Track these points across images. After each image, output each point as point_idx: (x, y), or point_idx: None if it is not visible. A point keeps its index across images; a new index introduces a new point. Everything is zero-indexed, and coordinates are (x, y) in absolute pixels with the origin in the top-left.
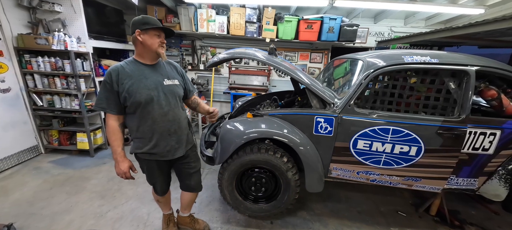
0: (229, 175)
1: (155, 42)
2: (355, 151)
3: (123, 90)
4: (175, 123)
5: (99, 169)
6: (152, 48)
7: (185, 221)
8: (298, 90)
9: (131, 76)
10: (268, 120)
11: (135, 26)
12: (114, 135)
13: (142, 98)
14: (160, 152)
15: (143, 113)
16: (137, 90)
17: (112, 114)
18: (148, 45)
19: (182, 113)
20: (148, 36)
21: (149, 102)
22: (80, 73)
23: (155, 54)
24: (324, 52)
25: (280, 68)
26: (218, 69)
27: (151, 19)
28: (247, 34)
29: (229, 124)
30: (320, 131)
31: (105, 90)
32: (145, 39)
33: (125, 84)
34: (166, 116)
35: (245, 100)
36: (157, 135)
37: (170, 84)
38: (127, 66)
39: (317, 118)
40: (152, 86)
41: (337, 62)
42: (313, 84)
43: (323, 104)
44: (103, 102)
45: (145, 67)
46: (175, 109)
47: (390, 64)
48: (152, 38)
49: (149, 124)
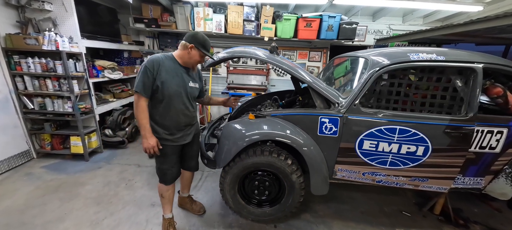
0: (232, 178)
1: (197, 60)
2: (361, 152)
3: (159, 79)
4: (189, 117)
5: (94, 174)
6: (193, 62)
7: (185, 200)
8: (299, 90)
9: (167, 70)
10: (270, 121)
11: (194, 41)
12: (143, 113)
13: (171, 91)
14: (174, 139)
15: (169, 104)
16: (170, 83)
17: (144, 97)
18: (193, 59)
19: (195, 108)
20: (197, 53)
21: (175, 97)
22: (72, 74)
23: (191, 65)
24: (323, 51)
25: (282, 67)
26: (215, 69)
27: (208, 45)
28: (245, 33)
29: (231, 126)
30: (324, 131)
31: (145, 75)
32: (193, 54)
33: (162, 75)
34: (185, 111)
35: (245, 100)
36: (175, 124)
37: (192, 86)
38: (167, 60)
39: (321, 119)
40: (181, 84)
41: (338, 61)
42: (316, 83)
43: (327, 104)
44: (141, 85)
45: (179, 67)
46: (192, 106)
47: (396, 62)
48: (198, 57)
49: (171, 114)
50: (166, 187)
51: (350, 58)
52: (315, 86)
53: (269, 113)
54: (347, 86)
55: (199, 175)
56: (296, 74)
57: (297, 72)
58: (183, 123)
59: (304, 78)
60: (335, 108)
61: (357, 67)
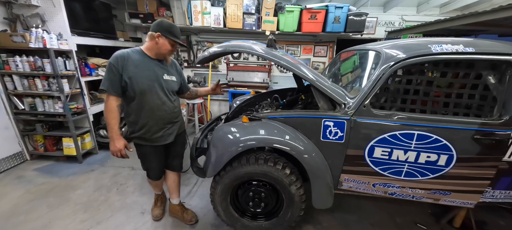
0: (223, 189)
1: (168, 49)
2: (371, 160)
3: (126, 75)
4: (169, 113)
5: (87, 177)
6: (163, 52)
7: (176, 209)
8: (302, 88)
9: (135, 65)
10: (266, 125)
11: (160, 29)
12: (112, 113)
13: (143, 86)
14: (153, 138)
15: (142, 101)
16: (139, 78)
17: (112, 95)
18: (161, 48)
19: (177, 104)
20: (166, 41)
21: (147, 92)
22: (62, 73)
23: (163, 56)
24: (329, 45)
25: (280, 63)
26: (215, 66)
27: (176, 31)
28: (245, 27)
29: (221, 130)
30: (329, 136)
31: (111, 73)
32: (162, 43)
33: (129, 70)
34: (162, 106)
35: (243, 99)
36: (153, 122)
37: (168, 79)
38: (134, 55)
39: (325, 122)
40: (153, 77)
41: (345, 55)
42: (319, 80)
43: (332, 105)
44: (108, 84)
45: (149, 60)
46: (170, 102)
47: (415, 55)
48: (168, 46)
49: (146, 111)
50: (153, 181)
51: (359, 52)
52: (317, 84)
53: (266, 115)
54: (355, 83)
55: (194, 180)
56: (296, 71)
57: (297, 69)
58: (162, 120)
59: (305, 75)
60: (341, 109)
61: (367, 62)
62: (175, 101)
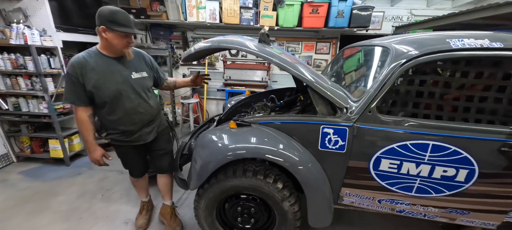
0: (207, 204)
1: (121, 43)
2: (377, 173)
3: (89, 84)
4: (146, 114)
5: (73, 181)
6: (117, 48)
7: (167, 211)
8: (301, 87)
9: (95, 70)
10: (257, 132)
11: (100, 20)
12: (83, 126)
13: (111, 94)
14: (131, 139)
15: (113, 107)
16: (104, 84)
17: (80, 106)
18: (113, 44)
19: (153, 102)
20: (113, 35)
21: (118, 97)
22: (46, 72)
23: (121, 52)
24: (332, 41)
25: (273, 60)
26: (212, 63)
27: (120, 18)
28: (243, 22)
29: (205, 138)
30: (328, 145)
31: (71, 83)
32: (110, 38)
33: (91, 78)
34: (137, 108)
35: (239, 99)
36: (130, 125)
37: (138, 77)
38: (90, 59)
39: (324, 129)
40: (120, 80)
41: (349, 52)
42: (317, 81)
43: (332, 109)
44: (71, 96)
45: (110, 60)
46: (145, 101)
47: (430, 52)
48: (118, 39)
49: (121, 116)
50: (134, 179)
51: (364, 48)
52: (314, 85)
53: (256, 120)
54: (359, 84)
55: None
56: (290, 70)
57: (291, 67)
58: (139, 123)
59: (301, 75)
60: (342, 114)
61: (374, 59)
62: (150, 98)
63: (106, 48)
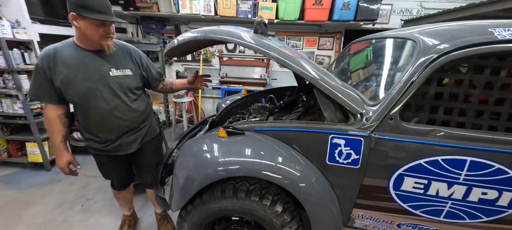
0: (191, 228)
1: (96, 33)
2: (398, 193)
3: (57, 79)
4: (126, 120)
5: (51, 189)
6: (92, 39)
7: (157, 217)
8: (303, 86)
9: (67, 64)
10: (251, 141)
11: (70, 5)
12: (51, 126)
13: (81, 90)
14: (108, 148)
15: (85, 108)
16: (74, 82)
17: (51, 104)
18: (87, 35)
19: (138, 105)
20: (86, 24)
21: (89, 97)
22: (19, 68)
23: (98, 45)
24: (335, 36)
25: (271, 55)
26: (208, 59)
27: (92, 2)
28: (239, 15)
29: (188, 149)
30: (338, 159)
31: (38, 77)
32: (83, 28)
33: (60, 73)
34: (113, 112)
35: (234, 99)
36: (105, 132)
37: (118, 75)
38: (64, 50)
39: (333, 139)
40: (94, 76)
41: (357, 47)
42: (324, 79)
43: (342, 114)
44: (36, 91)
45: (86, 54)
46: (125, 104)
47: (471, 44)
48: (92, 28)
49: (94, 120)
50: (116, 191)
51: (375, 42)
52: (322, 84)
53: (251, 126)
54: (371, 84)
55: None
56: (291, 65)
57: (293, 62)
58: (117, 129)
59: (304, 72)
60: (356, 121)
61: (392, 54)
62: (135, 101)
63: (81, 39)
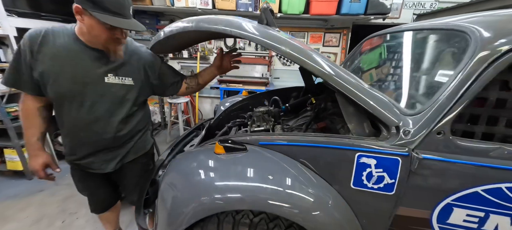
0: None
1: (102, 35)
2: (444, 227)
3: (36, 70)
4: (106, 138)
5: (31, 201)
6: (98, 40)
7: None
8: (311, 87)
9: (55, 55)
10: (256, 159)
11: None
12: (28, 120)
13: (61, 90)
14: (82, 163)
15: (62, 111)
16: (56, 79)
17: (27, 93)
18: (92, 34)
19: (128, 122)
20: (93, 23)
21: (66, 100)
22: None
23: (103, 47)
24: (342, 32)
25: (280, 50)
26: (205, 57)
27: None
28: (239, 8)
29: (178, 167)
30: (366, 183)
31: (17, 59)
32: (88, 26)
33: (41, 62)
34: (92, 125)
35: (234, 101)
36: (76, 144)
37: (115, 83)
38: (58, 37)
39: (361, 158)
40: (84, 79)
41: (369, 44)
42: (351, 82)
43: (371, 126)
44: (12, 76)
45: (84, 49)
46: (110, 118)
47: None
48: (99, 28)
49: (66, 127)
50: (97, 215)
51: (403, 36)
52: (345, 86)
53: (255, 139)
54: (399, 88)
55: None
56: (311, 65)
57: (313, 62)
58: (90, 144)
59: (322, 70)
60: (391, 135)
61: (431, 50)
62: (127, 117)
63: (83, 34)
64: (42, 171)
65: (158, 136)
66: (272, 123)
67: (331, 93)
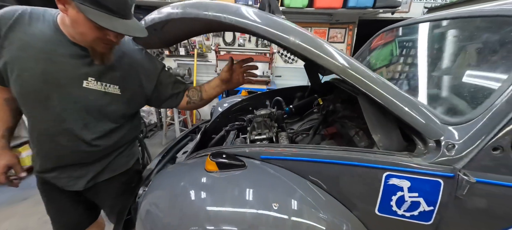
0: None
1: (90, 34)
2: None
3: (2, 57)
4: (72, 152)
5: (13, 211)
6: (83, 38)
7: None
8: (318, 85)
9: (26, 44)
10: (256, 178)
11: None
12: None
13: (25, 89)
14: (46, 177)
15: (25, 112)
16: (21, 73)
17: None
18: (77, 31)
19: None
20: (80, 17)
21: (32, 102)
22: None
23: (89, 44)
24: (348, 27)
25: (289, 42)
26: (203, 54)
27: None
28: (239, 1)
29: (161, 187)
30: (396, 209)
31: None
32: (73, 19)
33: (8, 49)
34: (58, 137)
35: (233, 101)
36: (42, 155)
37: (94, 89)
38: (36, 21)
39: (389, 178)
40: (55, 78)
41: (381, 40)
42: (374, 80)
43: (401, 138)
44: None
45: (63, 42)
46: (82, 130)
47: None
48: (87, 26)
49: (32, 133)
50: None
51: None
52: (373, 88)
53: (256, 152)
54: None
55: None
56: (329, 62)
57: (323, 52)
58: (55, 158)
59: (341, 67)
60: (428, 150)
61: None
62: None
63: (65, 25)
64: (3, 174)
65: (154, 137)
66: (275, 130)
67: (340, 93)
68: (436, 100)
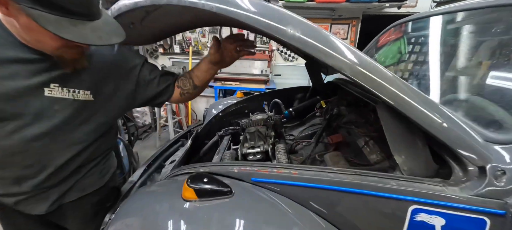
0: None
1: (51, 43)
2: None
3: None
4: (28, 166)
5: None
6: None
7: None
8: (320, 86)
9: None
10: (245, 209)
11: None
12: None
13: None
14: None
15: None
16: None
17: None
18: (33, 38)
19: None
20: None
21: None
22: None
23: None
24: (351, 23)
25: (287, 35)
26: (199, 52)
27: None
28: None
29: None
30: None
31: None
32: (25, 26)
33: None
34: (16, 156)
35: (228, 104)
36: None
37: (60, 97)
38: None
39: (417, 213)
40: (4, 90)
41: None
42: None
43: (432, 162)
44: None
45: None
46: (47, 147)
47: None
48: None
49: None
50: None
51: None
52: (400, 96)
53: (247, 174)
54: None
55: None
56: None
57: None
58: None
59: (355, 69)
60: (469, 177)
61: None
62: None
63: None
64: None
65: (147, 140)
66: (272, 140)
67: (345, 95)
68: (468, 113)
